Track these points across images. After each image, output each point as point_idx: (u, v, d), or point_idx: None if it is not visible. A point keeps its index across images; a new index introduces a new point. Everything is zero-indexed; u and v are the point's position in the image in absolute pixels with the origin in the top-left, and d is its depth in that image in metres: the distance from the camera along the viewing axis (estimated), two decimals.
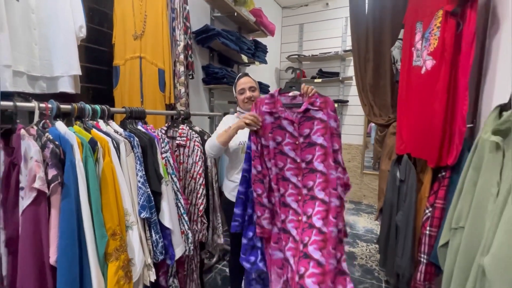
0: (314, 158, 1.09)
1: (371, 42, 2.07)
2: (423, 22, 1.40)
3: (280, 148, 1.11)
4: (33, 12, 1.19)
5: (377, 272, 1.89)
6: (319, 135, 1.09)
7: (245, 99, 1.34)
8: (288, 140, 1.11)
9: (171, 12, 1.62)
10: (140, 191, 1.03)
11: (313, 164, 1.09)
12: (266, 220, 1.11)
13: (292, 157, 1.10)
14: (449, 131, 1.22)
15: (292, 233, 1.09)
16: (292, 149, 1.10)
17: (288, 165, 1.11)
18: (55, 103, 0.93)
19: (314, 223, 1.05)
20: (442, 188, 1.27)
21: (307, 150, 1.10)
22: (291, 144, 1.11)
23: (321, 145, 1.09)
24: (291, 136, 1.10)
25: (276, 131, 1.11)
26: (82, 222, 0.84)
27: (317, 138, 1.09)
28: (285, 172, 1.11)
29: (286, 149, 1.11)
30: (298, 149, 1.10)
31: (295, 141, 1.10)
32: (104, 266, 0.89)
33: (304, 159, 1.10)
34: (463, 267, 0.79)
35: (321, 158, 1.09)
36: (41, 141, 0.83)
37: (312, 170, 1.09)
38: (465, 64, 1.16)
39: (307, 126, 1.10)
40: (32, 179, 0.75)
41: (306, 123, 1.10)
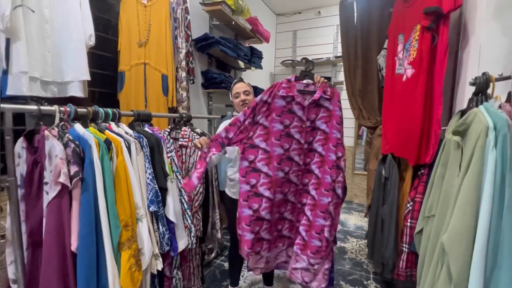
0: (315, 140, 1.23)
1: (360, 50, 2.22)
2: (404, 35, 1.54)
3: (287, 130, 1.22)
4: (47, 22, 1.29)
5: (366, 265, 2.02)
6: (322, 122, 1.22)
7: (240, 102, 1.45)
8: (295, 124, 1.21)
9: (173, 21, 1.73)
10: (149, 186, 1.13)
11: (313, 145, 1.23)
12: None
13: (297, 139, 1.22)
14: (427, 133, 1.36)
15: (290, 199, 1.27)
16: (298, 131, 1.21)
17: (293, 146, 1.23)
18: (73, 107, 1.03)
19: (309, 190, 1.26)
20: (421, 184, 1.41)
21: (310, 133, 1.23)
22: (298, 127, 1.21)
23: (323, 131, 1.23)
24: (299, 120, 1.21)
25: (285, 115, 1.20)
26: (99, 214, 0.93)
27: (320, 124, 1.22)
28: (290, 152, 1.23)
29: (293, 131, 1.21)
30: (303, 131, 1.21)
31: (302, 125, 1.21)
32: (118, 254, 0.99)
33: (307, 140, 1.23)
34: (432, 248, 0.92)
35: (321, 141, 1.23)
36: (62, 141, 0.93)
37: (311, 149, 1.24)
38: (439, 73, 1.30)
39: (314, 112, 1.22)
40: (57, 174, 0.85)
41: (314, 110, 1.22)
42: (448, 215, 0.81)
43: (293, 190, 1.26)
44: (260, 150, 1.19)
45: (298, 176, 1.25)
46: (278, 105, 1.20)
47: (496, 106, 0.79)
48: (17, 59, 1.16)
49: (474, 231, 0.68)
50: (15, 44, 1.16)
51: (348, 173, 3.67)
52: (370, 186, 2.11)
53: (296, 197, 1.27)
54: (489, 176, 0.69)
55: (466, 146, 0.78)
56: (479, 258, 0.65)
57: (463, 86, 1.39)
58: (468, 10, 1.38)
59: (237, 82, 1.48)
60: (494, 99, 0.83)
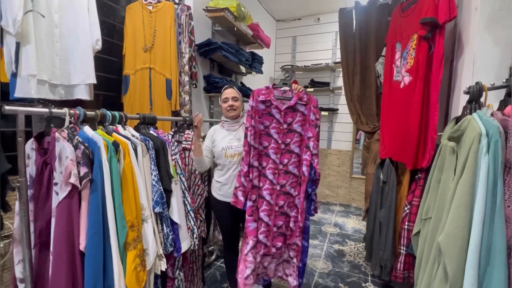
0: (292, 141, 1.37)
1: (358, 56, 2.28)
2: (401, 43, 1.60)
3: (267, 130, 1.38)
4: (56, 27, 1.32)
5: (364, 267, 2.05)
6: (298, 125, 1.36)
7: (228, 107, 1.48)
8: (274, 125, 1.37)
9: (178, 27, 1.78)
10: (154, 188, 1.16)
11: (290, 146, 1.37)
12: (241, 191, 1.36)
13: (275, 138, 1.37)
14: (423, 138, 1.41)
15: (266, 198, 1.38)
16: (276, 132, 1.37)
17: (272, 145, 1.38)
18: (82, 110, 1.06)
19: (288, 190, 1.38)
20: (418, 188, 1.45)
21: (287, 134, 1.37)
22: (276, 128, 1.37)
23: (299, 133, 1.37)
24: (277, 122, 1.37)
25: (265, 117, 1.38)
26: (107, 214, 0.96)
27: (297, 127, 1.37)
28: (268, 150, 1.38)
29: (272, 132, 1.37)
30: (281, 133, 1.37)
31: (280, 127, 1.37)
32: (124, 254, 1.01)
33: (284, 141, 1.37)
34: (429, 250, 0.96)
35: (297, 142, 1.37)
36: (72, 143, 0.95)
37: (289, 151, 1.37)
38: (435, 81, 1.36)
39: (291, 116, 1.37)
40: (68, 175, 0.87)
41: (290, 114, 1.36)
42: (444, 217, 0.85)
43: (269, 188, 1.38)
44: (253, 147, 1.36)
45: (274, 174, 1.38)
46: (259, 108, 1.37)
47: (489, 114, 0.84)
48: (27, 63, 1.19)
49: (468, 232, 0.71)
50: (25, 47, 1.19)
51: (346, 177, 3.72)
52: (368, 190, 2.15)
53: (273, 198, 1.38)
54: (482, 179, 0.73)
55: (461, 151, 0.82)
56: (473, 257, 0.69)
57: (458, 94, 1.44)
58: (462, 21, 1.44)
59: (227, 88, 1.52)
60: (487, 107, 0.88)
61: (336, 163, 3.75)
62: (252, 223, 1.35)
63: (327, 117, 3.70)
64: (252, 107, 1.36)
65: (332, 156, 3.75)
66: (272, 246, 1.38)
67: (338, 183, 3.74)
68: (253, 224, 1.36)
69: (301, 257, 1.38)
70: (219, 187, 1.48)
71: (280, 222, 1.38)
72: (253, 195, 1.36)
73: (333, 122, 3.74)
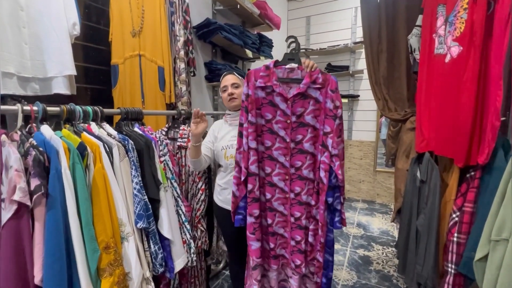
0: (305, 139, 1.05)
1: (384, 31, 1.93)
2: (446, 5, 1.25)
3: (269, 126, 1.06)
4: (22, 9, 1.12)
5: (396, 279, 1.76)
6: (312, 117, 1.03)
7: (228, 97, 1.24)
8: (279, 118, 1.05)
9: (169, 5, 1.53)
10: (136, 198, 0.95)
11: (303, 144, 1.05)
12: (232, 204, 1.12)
13: (282, 136, 1.06)
14: (480, 126, 1.08)
15: (279, 209, 1.11)
16: (282, 127, 1.05)
17: (277, 144, 1.06)
18: (41, 105, 0.86)
19: (305, 200, 1.08)
20: (471, 190, 1.13)
21: (298, 129, 1.05)
22: (282, 122, 1.05)
23: (314, 127, 1.04)
24: (283, 114, 1.04)
25: (266, 108, 1.04)
26: (71, 236, 0.76)
27: (309, 119, 1.03)
28: (273, 152, 1.07)
29: (276, 127, 1.06)
30: (288, 128, 1.04)
31: (286, 120, 1.04)
32: (97, 283, 0.82)
33: (294, 139, 1.05)
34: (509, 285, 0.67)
35: (311, 139, 1.05)
36: (23, 147, 0.75)
37: (302, 150, 1.06)
38: (499, 49, 1.01)
39: (301, 105, 1.03)
40: (12, 190, 0.68)
41: (300, 102, 1.02)
42: None
43: (280, 197, 1.10)
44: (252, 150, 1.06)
45: (285, 181, 1.08)
46: (258, 97, 1.04)
47: None
48: None
49: None
50: None
51: (369, 170, 3.37)
52: (399, 188, 1.84)
53: (286, 208, 1.10)
54: None
55: None
56: None
57: None
58: None
59: (226, 75, 1.28)
60: None
61: (357, 155, 3.40)
62: (255, 242, 1.09)
63: (347, 105, 3.34)
64: (247, 96, 1.03)
65: (353, 147, 3.41)
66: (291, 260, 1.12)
67: (361, 177, 3.41)
68: (255, 244, 1.09)
69: (325, 272, 1.12)
70: (219, 191, 1.26)
71: (298, 237, 1.10)
72: (254, 210, 1.08)
73: (354, 111, 3.38)
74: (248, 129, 1.03)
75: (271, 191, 1.10)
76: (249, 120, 1.03)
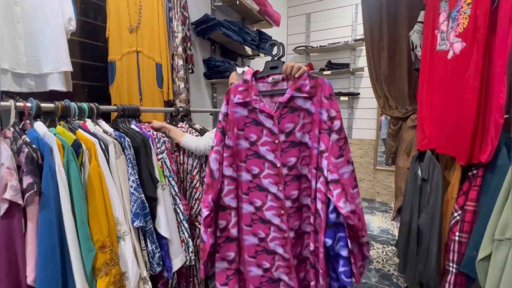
0: (299, 161, 0.86)
1: (385, 28, 1.90)
2: (449, 0, 1.23)
3: (255, 148, 0.87)
4: (16, 4, 1.10)
5: (396, 278, 1.75)
6: (303, 133, 0.85)
7: None
8: (265, 139, 0.86)
9: (167, 1, 1.51)
10: (132, 197, 0.93)
11: (297, 168, 0.86)
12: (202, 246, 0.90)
13: (270, 160, 0.86)
14: (482, 123, 1.07)
15: (278, 251, 0.89)
16: (270, 149, 0.86)
17: (266, 171, 0.87)
18: (35, 102, 0.84)
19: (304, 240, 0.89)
20: (473, 188, 1.11)
21: (289, 151, 0.85)
22: (269, 144, 0.86)
23: (306, 145, 0.86)
24: (270, 134, 0.85)
25: (250, 128, 0.86)
26: (65, 235, 0.75)
27: (302, 136, 0.85)
28: (262, 180, 0.87)
29: (263, 150, 0.86)
30: (278, 149, 0.85)
31: (274, 140, 0.85)
32: (93, 283, 0.80)
33: (286, 162, 0.85)
34: None
35: (306, 160, 0.86)
36: (16, 144, 0.74)
37: (297, 176, 0.86)
38: (503, 45, 0.99)
39: (290, 119, 0.84)
40: (3, 188, 0.66)
41: (289, 116, 0.84)
42: None
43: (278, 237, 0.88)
44: (227, 179, 0.88)
45: (281, 216, 0.87)
46: (239, 116, 0.87)
47: None
48: None
49: None
50: None
51: (369, 168, 3.36)
52: (400, 186, 1.82)
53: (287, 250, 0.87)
54: None
55: None
56: None
57: None
58: None
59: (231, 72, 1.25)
60: None
61: (357, 153, 3.39)
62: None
63: (347, 103, 3.32)
64: (225, 115, 0.87)
65: (353, 145, 3.39)
66: None
67: (361, 176, 3.39)
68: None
69: None
70: None
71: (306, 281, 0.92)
72: (228, 252, 0.89)
73: (354, 109, 3.35)
74: (221, 153, 0.87)
75: (265, 229, 0.89)
76: (225, 144, 0.87)
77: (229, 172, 0.87)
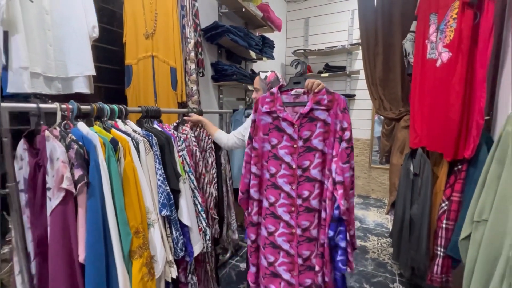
0: (312, 165, 0.98)
1: (381, 35, 2.05)
2: (437, 14, 1.37)
3: (274, 151, 1.02)
4: (47, 13, 1.20)
5: (390, 266, 1.90)
6: (320, 140, 0.97)
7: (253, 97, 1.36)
8: (285, 143, 1.00)
9: (180, 9, 1.61)
10: (160, 189, 1.04)
11: (310, 171, 0.98)
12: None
13: (287, 162, 1.00)
14: (466, 124, 1.21)
15: (283, 247, 1.01)
16: (288, 153, 1.00)
17: (282, 171, 1.00)
18: (76, 104, 0.94)
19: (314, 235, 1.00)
20: (458, 181, 1.26)
21: (305, 155, 0.98)
22: (288, 147, 1.00)
23: (322, 151, 0.98)
24: (289, 139, 1.00)
25: (273, 133, 1.02)
26: (107, 221, 0.85)
27: (317, 143, 0.98)
28: (277, 179, 1.01)
29: (282, 153, 1.01)
30: (295, 153, 0.99)
31: (293, 145, 0.99)
32: (129, 263, 0.91)
33: (301, 165, 0.99)
34: (487, 260, 0.79)
35: (320, 165, 0.98)
36: (65, 142, 0.84)
37: (309, 178, 0.98)
38: (483, 56, 1.14)
39: (308, 128, 0.98)
40: (59, 179, 0.77)
41: (307, 125, 0.98)
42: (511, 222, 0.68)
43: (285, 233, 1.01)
44: (252, 175, 1.06)
45: (291, 213, 1.00)
46: (265, 123, 1.03)
47: None
48: (17, 54, 1.08)
49: None
50: (14, 37, 1.07)
51: (364, 166, 3.51)
52: (394, 182, 1.97)
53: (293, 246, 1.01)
54: None
55: None
56: None
57: (509, 70, 1.21)
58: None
59: (256, 76, 1.36)
60: None
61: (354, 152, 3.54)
62: (252, 267, 1.10)
63: None
64: (253, 122, 1.04)
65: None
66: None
67: (357, 173, 3.55)
68: (252, 268, 1.10)
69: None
70: None
71: (308, 281, 1.00)
72: (251, 234, 1.08)
73: (351, 109, 3.50)
74: (250, 155, 1.05)
75: (275, 224, 1.02)
76: (252, 146, 1.05)
77: (254, 169, 1.06)
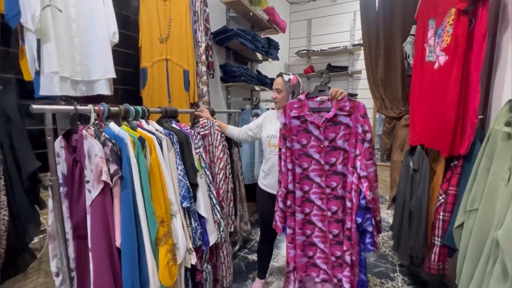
0: (338, 161, 1.17)
1: (382, 37, 2.13)
2: (435, 20, 1.46)
3: (305, 150, 1.20)
4: (73, 21, 1.29)
5: (391, 257, 2.00)
6: (343, 140, 1.15)
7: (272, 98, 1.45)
8: (313, 143, 1.19)
9: (193, 15, 1.71)
10: (181, 183, 1.14)
11: (337, 167, 1.17)
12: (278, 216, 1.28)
13: (316, 159, 1.19)
14: (461, 123, 1.31)
15: (317, 225, 1.24)
16: (316, 151, 1.19)
17: (313, 166, 1.20)
18: (106, 106, 1.04)
19: (341, 218, 1.19)
20: (454, 176, 1.36)
21: (331, 153, 1.17)
22: (316, 147, 1.18)
23: (345, 150, 1.15)
24: (316, 140, 1.18)
25: (301, 134, 1.19)
26: (138, 211, 0.95)
27: (341, 143, 1.15)
28: (309, 173, 1.21)
29: (311, 151, 1.19)
30: (322, 151, 1.17)
31: (320, 145, 1.17)
32: (156, 249, 1.01)
33: (328, 161, 1.18)
34: (476, 244, 0.89)
35: (344, 161, 1.16)
36: (100, 140, 0.94)
37: (336, 172, 1.18)
38: (477, 59, 1.23)
39: (333, 130, 1.15)
40: (99, 172, 0.87)
41: (332, 128, 1.15)
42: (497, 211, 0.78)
43: (318, 214, 1.23)
44: (289, 171, 1.22)
45: (322, 199, 1.21)
46: (294, 125, 1.20)
47: None
48: (48, 60, 1.17)
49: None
50: (45, 44, 1.17)
51: None
52: (395, 178, 2.06)
53: (325, 224, 1.22)
54: None
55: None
56: None
57: (502, 73, 1.31)
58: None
59: (277, 77, 1.45)
60: None
61: None
62: (292, 250, 1.26)
63: None
64: (284, 125, 1.20)
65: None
66: (333, 276, 1.24)
67: None
68: (292, 251, 1.26)
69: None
70: (264, 176, 1.49)
71: (338, 252, 1.21)
72: (291, 223, 1.24)
73: None
74: (286, 154, 1.21)
75: (310, 207, 1.23)
76: (286, 146, 1.20)
77: (290, 166, 1.22)
